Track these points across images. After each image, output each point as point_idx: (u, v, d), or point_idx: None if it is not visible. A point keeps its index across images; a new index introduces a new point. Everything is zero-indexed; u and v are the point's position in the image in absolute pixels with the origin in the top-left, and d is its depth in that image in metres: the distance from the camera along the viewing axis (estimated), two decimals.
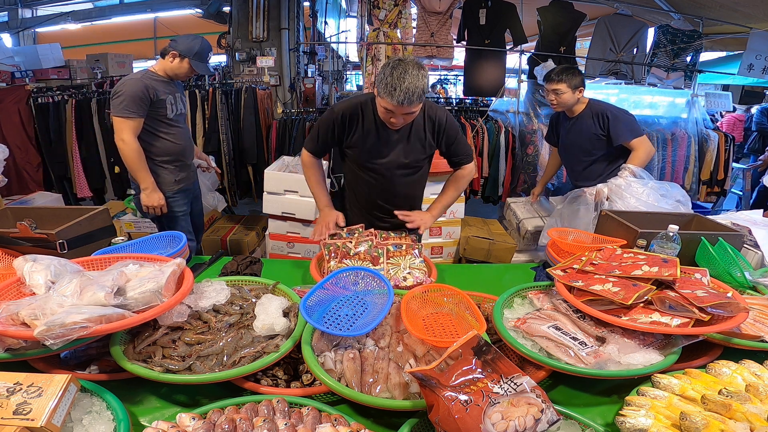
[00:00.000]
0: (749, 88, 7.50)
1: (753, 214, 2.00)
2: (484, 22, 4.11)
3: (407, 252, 1.68)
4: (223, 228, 3.46)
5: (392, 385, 1.03)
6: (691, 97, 4.41)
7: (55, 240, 1.45)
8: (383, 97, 1.54)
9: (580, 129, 2.45)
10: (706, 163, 4.27)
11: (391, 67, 1.53)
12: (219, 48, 6.25)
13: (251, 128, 3.83)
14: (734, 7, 4.17)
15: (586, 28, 4.53)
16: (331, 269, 1.56)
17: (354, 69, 8.53)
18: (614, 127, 2.32)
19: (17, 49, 5.07)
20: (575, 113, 2.46)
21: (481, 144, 3.89)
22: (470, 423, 0.81)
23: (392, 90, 1.50)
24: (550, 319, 1.25)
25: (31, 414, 0.80)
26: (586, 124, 2.41)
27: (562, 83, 2.35)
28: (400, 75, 1.50)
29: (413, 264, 1.63)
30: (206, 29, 7.14)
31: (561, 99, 2.38)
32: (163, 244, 1.66)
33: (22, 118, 3.79)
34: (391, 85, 1.50)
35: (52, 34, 7.10)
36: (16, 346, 1.05)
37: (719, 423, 0.87)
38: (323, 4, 5.87)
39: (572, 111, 2.46)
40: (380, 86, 1.55)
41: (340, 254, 1.63)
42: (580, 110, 2.44)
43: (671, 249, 1.50)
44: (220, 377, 1.02)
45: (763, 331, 1.21)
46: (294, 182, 2.96)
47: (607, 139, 2.36)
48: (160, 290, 1.11)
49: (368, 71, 4.02)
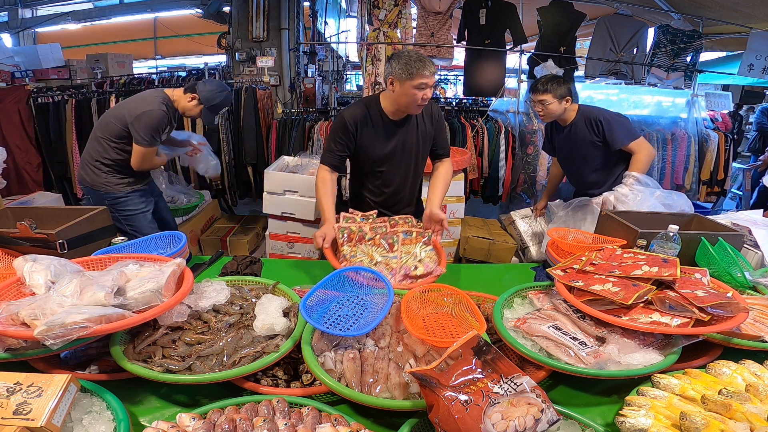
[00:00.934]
0: (749, 88, 7.49)
1: (753, 214, 2.00)
2: (484, 22, 4.11)
3: (417, 239, 1.69)
4: (223, 228, 3.47)
5: (392, 385, 1.03)
6: (691, 97, 4.42)
7: (55, 240, 1.45)
8: (415, 76, 1.65)
9: (575, 138, 2.40)
10: (706, 163, 4.27)
11: (401, 54, 1.70)
12: (219, 48, 6.25)
13: (251, 128, 3.83)
14: (734, 7, 4.17)
15: (586, 28, 4.53)
16: (345, 253, 1.59)
17: (354, 69, 8.54)
18: (610, 131, 2.28)
19: (17, 49, 5.08)
20: (567, 122, 2.41)
21: (481, 144, 3.89)
22: (470, 423, 0.81)
23: (421, 64, 1.65)
24: (550, 319, 1.25)
25: (31, 414, 0.80)
26: (581, 132, 2.36)
27: (547, 93, 2.30)
28: (415, 54, 1.68)
29: (424, 251, 1.64)
30: (206, 29, 7.15)
31: (547, 110, 2.34)
32: (163, 244, 1.66)
33: (22, 118, 3.79)
34: (418, 60, 1.65)
35: (52, 34, 7.10)
36: (16, 346, 1.05)
37: (719, 423, 0.87)
38: (323, 4, 5.87)
39: (563, 120, 2.41)
40: (405, 71, 1.66)
41: (355, 238, 1.64)
42: (571, 118, 2.39)
43: (671, 249, 1.50)
44: (220, 377, 1.02)
45: (763, 331, 1.21)
46: (294, 182, 2.96)
47: (604, 144, 2.32)
48: (160, 290, 1.11)
49: (368, 71, 4.02)
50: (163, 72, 5.95)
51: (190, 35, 8.13)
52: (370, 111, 1.84)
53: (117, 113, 2.26)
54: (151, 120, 2.17)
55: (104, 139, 2.26)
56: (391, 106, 1.82)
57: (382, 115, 1.84)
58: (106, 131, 2.26)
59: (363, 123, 1.83)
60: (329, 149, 1.87)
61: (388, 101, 1.83)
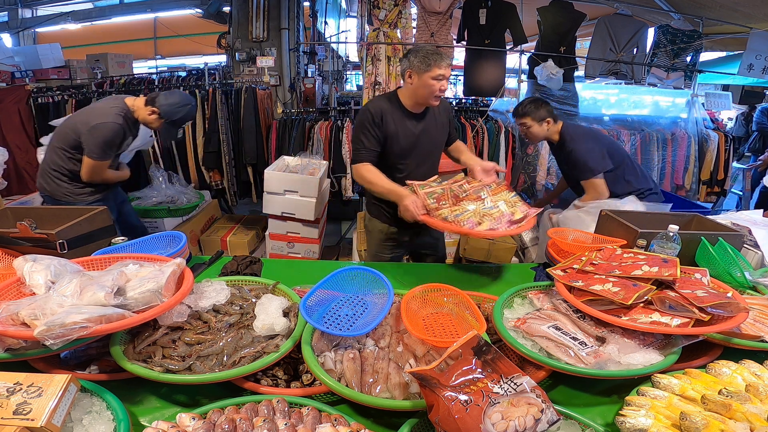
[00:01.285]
0: (749, 88, 7.49)
1: (753, 214, 2.00)
2: (484, 22, 4.10)
3: (499, 189, 1.74)
4: (223, 228, 3.47)
5: (392, 385, 1.04)
6: (691, 97, 4.41)
7: (55, 240, 1.45)
8: (433, 67, 1.73)
9: (565, 158, 2.41)
10: (706, 163, 4.27)
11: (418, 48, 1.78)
12: (219, 48, 6.25)
13: (251, 128, 3.82)
14: (734, 7, 4.17)
15: (586, 28, 4.53)
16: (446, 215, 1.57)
17: (354, 69, 8.55)
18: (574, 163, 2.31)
19: (17, 49, 5.08)
20: (556, 142, 2.41)
21: (481, 144, 3.89)
22: (470, 423, 0.81)
23: (438, 56, 1.74)
24: (550, 319, 1.25)
25: (31, 414, 0.80)
26: (566, 153, 2.36)
27: (526, 117, 2.33)
28: (431, 47, 1.78)
29: (511, 197, 1.70)
30: (206, 29, 7.16)
31: (530, 132, 2.37)
32: (163, 244, 1.66)
33: (22, 118, 3.79)
34: (435, 53, 1.75)
35: (52, 34, 7.11)
36: (16, 346, 1.05)
37: (719, 423, 0.87)
38: (323, 4, 5.87)
39: (552, 139, 2.41)
40: (423, 63, 1.74)
41: (447, 199, 1.64)
42: (557, 139, 2.39)
43: (671, 249, 1.50)
44: (220, 377, 1.02)
45: (763, 331, 1.21)
46: (294, 182, 2.96)
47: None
48: (160, 290, 1.11)
49: (368, 71, 4.02)
50: (163, 72, 5.95)
51: (190, 35, 8.14)
52: (391, 104, 1.88)
53: (72, 123, 2.19)
54: (104, 133, 2.09)
55: (60, 149, 2.19)
56: (410, 99, 1.87)
57: (402, 109, 1.88)
58: (61, 141, 2.19)
59: (388, 114, 1.86)
60: (361, 146, 1.86)
61: (407, 95, 1.87)
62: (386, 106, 1.87)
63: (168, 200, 3.26)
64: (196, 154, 3.92)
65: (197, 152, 3.91)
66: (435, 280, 1.42)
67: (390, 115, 1.86)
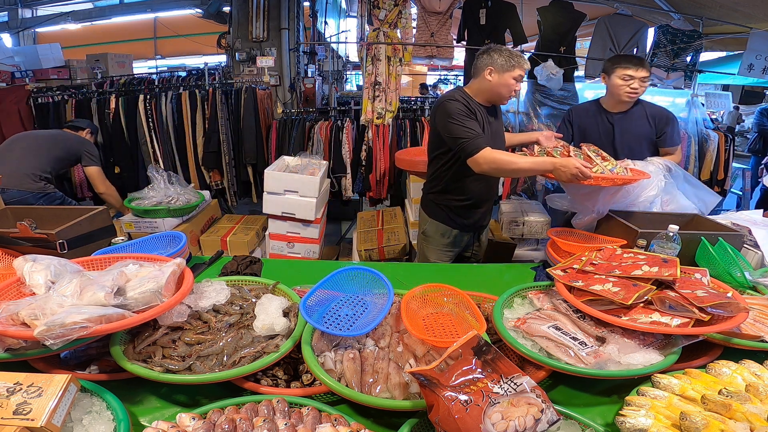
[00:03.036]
0: (749, 88, 7.50)
1: (753, 214, 1.99)
2: (484, 22, 4.11)
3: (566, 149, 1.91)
4: (223, 228, 3.46)
5: (392, 385, 1.03)
6: (691, 97, 4.41)
7: (55, 240, 1.45)
8: (516, 67, 1.82)
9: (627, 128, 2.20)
10: (706, 163, 4.27)
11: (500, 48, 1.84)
12: (219, 48, 6.25)
13: (251, 128, 3.83)
14: (734, 7, 4.17)
15: (586, 28, 4.53)
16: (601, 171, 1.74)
17: (354, 69, 8.55)
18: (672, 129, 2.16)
19: (17, 49, 5.08)
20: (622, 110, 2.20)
21: None
22: (470, 423, 0.81)
23: (520, 58, 1.83)
24: (550, 319, 1.25)
25: (31, 414, 0.80)
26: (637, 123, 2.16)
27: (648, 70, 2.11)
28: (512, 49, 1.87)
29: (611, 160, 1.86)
30: (206, 29, 7.15)
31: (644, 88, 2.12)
32: (163, 244, 1.66)
33: (22, 118, 3.79)
34: (518, 55, 1.83)
35: (52, 34, 7.11)
36: (16, 346, 1.05)
37: (719, 423, 0.87)
38: (323, 4, 5.87)
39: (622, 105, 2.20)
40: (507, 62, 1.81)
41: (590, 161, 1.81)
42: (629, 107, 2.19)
43: (671, 249, 1.50)
44: (220, 377, 1.02)
45: (763, 331, 1.21)
46: (294, 182, 2.96)
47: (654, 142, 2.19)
48: (160, 290, 1.11)
49: (368, 71, 4.01)
50: (163, 72, 5.95)
51: (190, 35, 8.13)
52: (468, 100, 1.89)
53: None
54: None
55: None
56: (483, 95, 1.91)
57: (478, 105, 1.91)
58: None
59: (473, 107, 1.87)
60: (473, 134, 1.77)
61: (480, 92, 1.91)
62: (468, 100, 1.88)
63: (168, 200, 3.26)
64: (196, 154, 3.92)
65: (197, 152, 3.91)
66: (435, 280, 1.42)
67: (474, 110, 1.88)
